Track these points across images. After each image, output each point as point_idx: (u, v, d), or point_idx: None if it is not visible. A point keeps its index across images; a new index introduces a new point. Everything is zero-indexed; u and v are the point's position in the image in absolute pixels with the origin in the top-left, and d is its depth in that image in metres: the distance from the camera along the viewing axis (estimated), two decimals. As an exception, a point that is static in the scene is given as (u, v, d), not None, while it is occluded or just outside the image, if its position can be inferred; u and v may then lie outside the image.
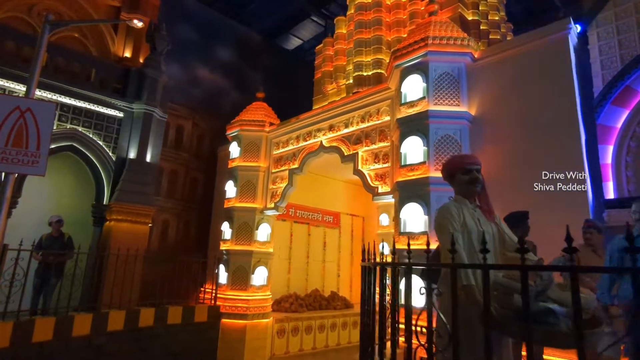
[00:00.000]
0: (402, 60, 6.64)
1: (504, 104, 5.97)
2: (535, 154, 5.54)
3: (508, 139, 5.82)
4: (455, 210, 2.82)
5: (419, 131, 6.22)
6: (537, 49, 5.75)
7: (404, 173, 6.29)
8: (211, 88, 13.55)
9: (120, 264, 7.64)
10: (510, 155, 5.72)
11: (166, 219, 11.32)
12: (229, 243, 9.88)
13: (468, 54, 6.32)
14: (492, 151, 5.90)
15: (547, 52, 5.64)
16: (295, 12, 17.09)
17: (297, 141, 9.63)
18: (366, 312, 4.14)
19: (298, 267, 12.03)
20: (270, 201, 9.95)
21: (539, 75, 5.67)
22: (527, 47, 5.87)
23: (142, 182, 8.75)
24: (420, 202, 5.94)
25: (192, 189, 12.16)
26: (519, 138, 5.71)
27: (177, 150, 11.81)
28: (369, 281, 4.08)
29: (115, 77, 9.21)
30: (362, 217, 14.04)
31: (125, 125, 8.98)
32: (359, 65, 10.26)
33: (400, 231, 6.12)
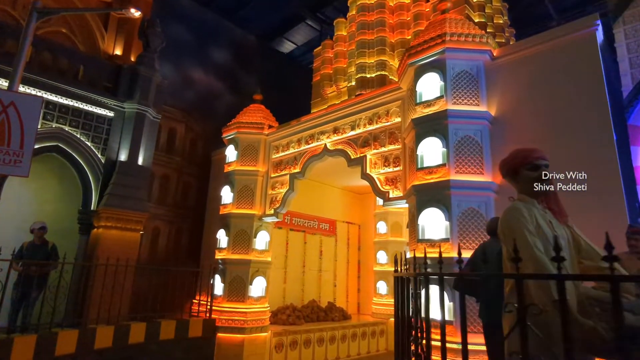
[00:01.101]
0: (417, 58, 6.30)
1: (527, 104, 5.66)
2: (564, 156, 5.21)
3: (533, 140, 5.47)
4: (526, 211, 2.41)
5: (437, 132, 5.86)
6: (562, 47, 5.47)
7: (421, 176, 5.90)
8: (205, 90, 13.04)
9: (109, 275, 7.00)
10: (536, 157, 5.38)
11: (157, 226, 10.69)
12: (225, 252, 9.31)
13: (487, 52, 6.02)
14: (516, 153, 5.56)
15: (574, 50, 5.36)
16: (290, 15, 16.78)
17: (299, 144, 9.19)
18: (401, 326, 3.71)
19: (294, 276, 11.54)
20: (270, 207, 9.45)
21: (565, 73, 5.38)
22: (551, 44, 5.59)
23: (134, 186, 8.15)
24: (440, 207, 5.55)
25: (184, 194, 11.56)
26: (545, 139, 5.39)
27: (169, 154, 11.22)
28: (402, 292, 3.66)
29: (105, 74, 8.65)
30: (358, 225, 13.65)
31: (115, 126, 8.40)
32: (361, 67, 9.92)
33: (419, 238, 5.71)
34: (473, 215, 5.49)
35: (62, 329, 6.25)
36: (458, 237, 5.39)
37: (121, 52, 9.94)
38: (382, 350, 11.39)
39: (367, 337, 11.06)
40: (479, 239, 5.40)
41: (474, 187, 5.54)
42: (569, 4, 14.53)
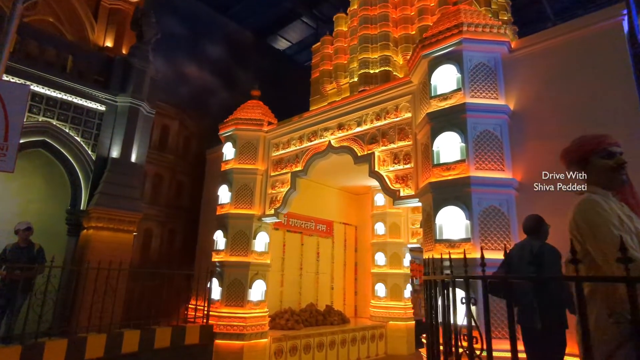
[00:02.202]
0: (431, 49, 6.00)
1: (549, 97, 5.40)
2: (588, 152, 4.97)
3: (556, 136, 5.21)
4: (604, 204, 2.09)
5: (454, 126, 5.56)
6: (586, 38, 5.23)
7: (437, 173, 5.59)
8: (199, 86, 12.57)
9: (100, 279, 6.50)
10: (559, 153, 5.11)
11: (149, 227, 10.18)
12: (223, 254, 8.87)
13: (505, 43, 5.75)
14: (538, 150, 5.30)
15: (599, 41, 5.11)
16: (286, 12, 16.42)
17: (301, 142, 8.82)
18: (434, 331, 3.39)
19: (291, 279, 11.15)
20: (270, 207, 9.04)
21: (590, 66, 5.13)
22: (574, 36, 5.34)
23: (127, 185, 7.67)
24: (459, 205, 5.25)
25: (177, 194, 11.07)
26: (568, 135, 5.01)
27: (162, 152, 10.73)
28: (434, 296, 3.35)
29: (96, 65, 8.15)
30: (354, 226, 13.34)
31: (107, 120, 7.91)
32: (364, 63, 9.61)
33: (436, 238, 5.38)
34: (494, 213, 5.19)
35: (50, 338, 5.76)
36: (480, 237, 5.09)
37: (112, 44, 9.44)
38: (382, 354, 11.09)
39: (367, 341, 10.74)
40: (501, 239, 5.11)
41: (495, 184, 5.25)
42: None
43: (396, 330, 11.24)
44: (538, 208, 5.14)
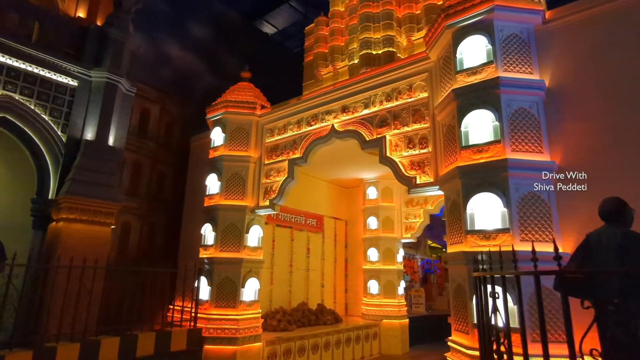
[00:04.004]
0: (458, 18, 5.36)
1: (589, 74, 4.85)
2: (634, 133, 4.45)
3: (597, 116, 4.70)
4: None
5: (486, 103, 4.95)
6: (632, 7, 4.70)
7: (466, 156, 4.96)
8: (183, 69, 11.57)
9: (72, 280, 5.55)
10: (605, 134, 4.59)
11: (127, 221, 9.18)
12: (212, 249, 8.02)
13: (539, 13, 5.18)
14: (578, 130, 4.75)
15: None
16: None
17: (299, 127, 8.06)
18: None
19: (281, 277, 10.43)
20: (264, 198, 8.25)
21: (637, 36, 4.60)
22: (617, 4, 4.81)
23: (103, 171, 6.71)
24: (495, 192, 4.64)
25: (159, 184, 10.10)
26: (611, 114, 4.61)
27: (141, 138, 9.73)
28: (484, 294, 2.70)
29: (67, 35, 7.13)
30: (345, 221, 12.70)
31: (80, 97, 6.91)
32: (366, 43, 8.90)
33: (467, 229, 4.76)
34: (534, 201, 4.61)
35: (11, 350, 4.82)
36: (519, 227, 4.49)
37: (85, 15, 8.36)
38: (376, 354, 10.55)
39: (361, 341, 10.15)
40: (543, 229, 4.53)
41: (534, 167, 4.67)
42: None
43: (390, 329, 10.69)
44: (581, 195, 4.61)
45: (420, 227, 11.46)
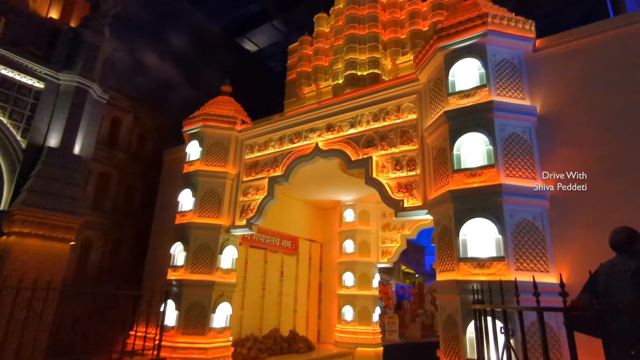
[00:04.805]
0: (450, 41, 5.30)
1: (580, 101, 4.86)
2: (626, 159, 4.44)
3: (589, 143, 4.67)
4: None
5: (479, 127, 4.84)
6: (621, 38, 4.77)
7: (459, 180, 4.80)
8: (160, 79, 11.10)
9: (20, 302, 4.91)
10: (597, 162, 4.54)
11: (89, 237, 8.45)
12: (182, 271, 7.45)
13: (530, 40, 5.20)
14: (571, 157, 4.70)
15: (636, 42, 4.67)
16: (258, 13, 15.52)
17: (281, 144, 7.76)
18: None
19: (253, 301, 9.83)
20: (241, 217, 7.81)
21: (626, 67, 4.66)
22: (606, 36, 4.89)
23: (66, 181, 6.13)
24: (490, 218, 4.46)
25: (127, 199, 9.45)
26: (602, 142, 4.59)
27: (111, 148, 9.13)
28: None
29: (36, 34, 6.64)
30: (320, 244, 12.28)
31: (46, 101, 6.36)
32: (351, 63, 8.83)
33: (459, 256, 4.53)
34: (529, 229, 4.46)
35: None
36: (514, 255, 4.30)
37: (58, 16, 7.87)
38: (350, 384, 10.03)
39: (336, 371, 9.66)
40: (538, 258, 4.37)
41: (528, 194, 4.55)
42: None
43: (364, 357, 10.25)
44: (574, 224, 4.51)
45: (397, 251, 11.22)
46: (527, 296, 3.08)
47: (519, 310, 2.84)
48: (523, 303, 3.02)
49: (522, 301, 3.04)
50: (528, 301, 3.09)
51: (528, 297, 3.06)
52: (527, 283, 3.14)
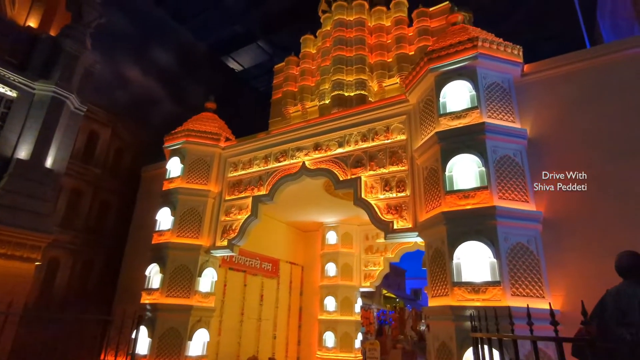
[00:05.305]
0: (441, 63, 5.31)
1: (569, 125, 4.90)
2: (614, 182, 4.45)
3: (580, 165, 4.67)
4: None
5: (471, 148, 4.79)
6: (608, 65, 4.89)
7: (452, 201, 4.70)
8: (142, 94, 10.81)
9: (-25, 328, 4.42)
10: (587, 185, 4.53)
11: (56, 257, 7.90)
12: (157, 294, 7.00)
13: (519, 65, 5.27)
14: (561, 180, 4.68)
15: (622, 68, 4.79)
16: (243, 34, 15.55)
17: (266, 162, 7.56)
18: None
19: (230, 326, 9.36)
20: (222, 238, 7.48)
21: (613, 93, 4.76)
22: (593, 63, 4.99)
23: (35, 196, 5.72)
24: (484, 241, 4.35)
25: (100, 216, 8.97)
26: (591, 165, 4.60)
27: (86, 163, 8.71)
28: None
29: (10, 41, 6.31)
30: (301, 267, 11.96)
31: (18, 110, 6.01)
32: (339, 84, 8.81)
33: (453, 281, 4.37)
34: (523, 252, 4.36)
35: None
36: (510, 280, 4.18)
37: (36, 25, 7.59)
38: (332, 417, 9.58)
39: (316, 401, 9.21)
40: (533, 283, 4.25)
41: (521, 217, 4.48)
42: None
43: (346, 386, 9.85)
44: (568, 247, 4.45)
45: (380, 275, 11.00)
46: (525, 323, 2.93)
47: (514, 339, 2.65)
48: (520, 331, 2.88)
49: (519, 329, 2.90)
50: (525, 328, 2.95)
51: (525, 325, 2.92)
52: (524, 309, 3.01)
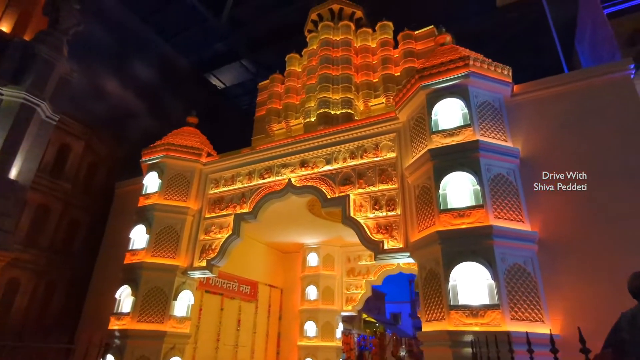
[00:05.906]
0: (433, 81, 5.26)
1: (558, 144, 4.92)
2: (603, 201, 4.43)
3: (569, 185, 4.63)
4: None
5: (465, 166, 4.69)
6: (595, 87, 4.97)
7: (446, 220, 4.54)
8: (119, 106, 10.38)
9: None
10: (580, 205, 4.49)
11: (16, 278, 7.24)
12: (128, 319, 6.47)
13: (509, 85, 5.28)
14: (553, 200, 4.61)
15: (609, 91, 4.88)
16: (227, 52, 15.45)
17: (250, 179, 7.28)
18: None
19: (206, 354, 8.81)
20: (201, 258, 7.07)
21: (594, 115, 4.80)
22: (581, 85, 5.08)
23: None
24: (481, 261, 4.18)
25: (68, 235, 8.38)
26: (583, 184, 4.57)
27: (55, 177, 8.18)
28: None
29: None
30: (280, 289, 11.51)
31: (-19, 116, 5.55)
32: (325, 102, 8.71)
33: (450, 304, 4.15)
34: (521, 274, 4.22)
35: None
36: (508, 303, 4.00)
37: (9, 30, 7.20)
38: None
39: None
40: (532, 306, 4.09)
41: (518, 237, 4.36)
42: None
43: (327, 418, 9.34)
44: (564, 269, 4.33)
45: (362, 299, 10.67)
46: (525, 349, 2.78)
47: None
48: (521, 357, 2.71)
49: (519, 355, 2.74)
50: (526, 355, 2.79)
51: (524, 351, 2.77)
52: (523, 334, 2.88)
